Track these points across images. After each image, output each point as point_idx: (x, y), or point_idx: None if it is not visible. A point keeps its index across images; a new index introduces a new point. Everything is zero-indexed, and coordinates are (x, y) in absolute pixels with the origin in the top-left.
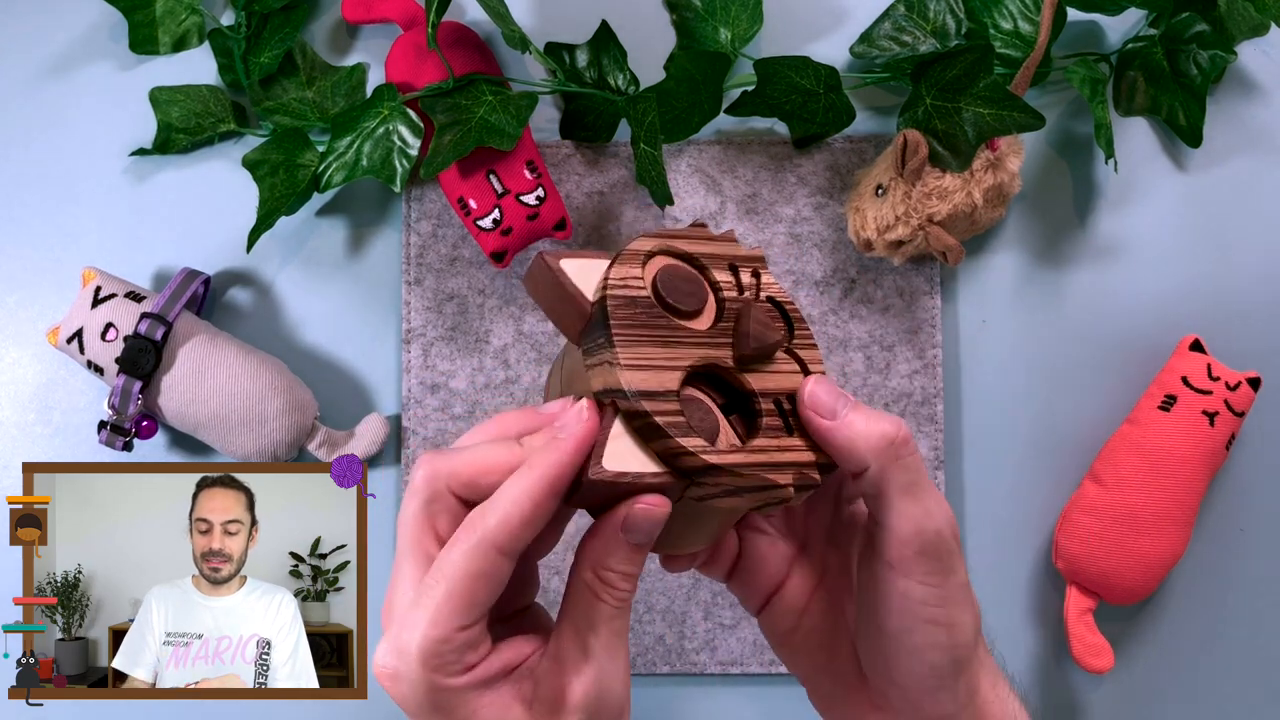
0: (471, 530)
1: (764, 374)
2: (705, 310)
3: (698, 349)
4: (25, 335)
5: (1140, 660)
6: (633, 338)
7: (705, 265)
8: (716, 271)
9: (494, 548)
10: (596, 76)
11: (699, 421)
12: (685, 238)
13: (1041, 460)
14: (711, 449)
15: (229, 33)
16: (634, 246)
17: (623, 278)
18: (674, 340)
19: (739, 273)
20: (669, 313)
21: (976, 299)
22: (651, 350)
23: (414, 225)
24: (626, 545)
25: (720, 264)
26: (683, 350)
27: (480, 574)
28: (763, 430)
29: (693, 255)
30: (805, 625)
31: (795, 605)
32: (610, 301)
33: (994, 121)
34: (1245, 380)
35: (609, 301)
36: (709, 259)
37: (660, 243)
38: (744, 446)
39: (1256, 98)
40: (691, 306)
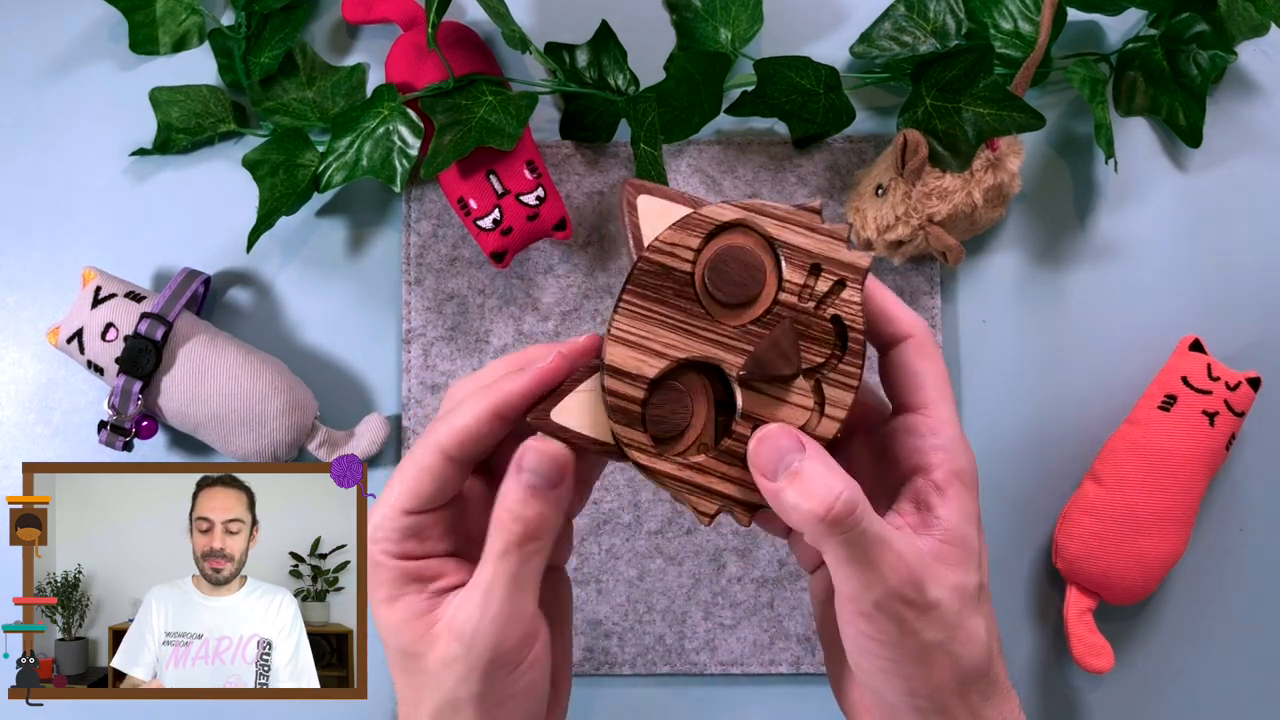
0: (426, 435)
1: (766, 396)
2: (754, 305)
3: (708, 345)
4: (25, 335)
5: (1140, 660)
6: (641, 311)
7: (784, 258)
8: (792, 269)
9: (439, 449)
10: (596, 76)
11: (667, 413)
12: (782, 220)
13: (1041, 460)
14: (644, 448)
15: (229, 33)
16: (712, 212)
17: (673, 244)
18: (686, 327)
19: (819, 278)
20: (704, 297)
21: (976, 299)
22: (653, 330)
23: (414, 225)
24: (521, 485)
25: (803, 261)
26: (689, 341)
27: (425, 469)
28: (720, 450)
29: (775, 241)
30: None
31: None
32: (642, 265)
33: (994, 121)
34: (1245, 380)
35: (640, 265)
36: (793, 251)
37: (747, 215)
38: (688, 459)
39: (1256, 98)
40: (732, 299)
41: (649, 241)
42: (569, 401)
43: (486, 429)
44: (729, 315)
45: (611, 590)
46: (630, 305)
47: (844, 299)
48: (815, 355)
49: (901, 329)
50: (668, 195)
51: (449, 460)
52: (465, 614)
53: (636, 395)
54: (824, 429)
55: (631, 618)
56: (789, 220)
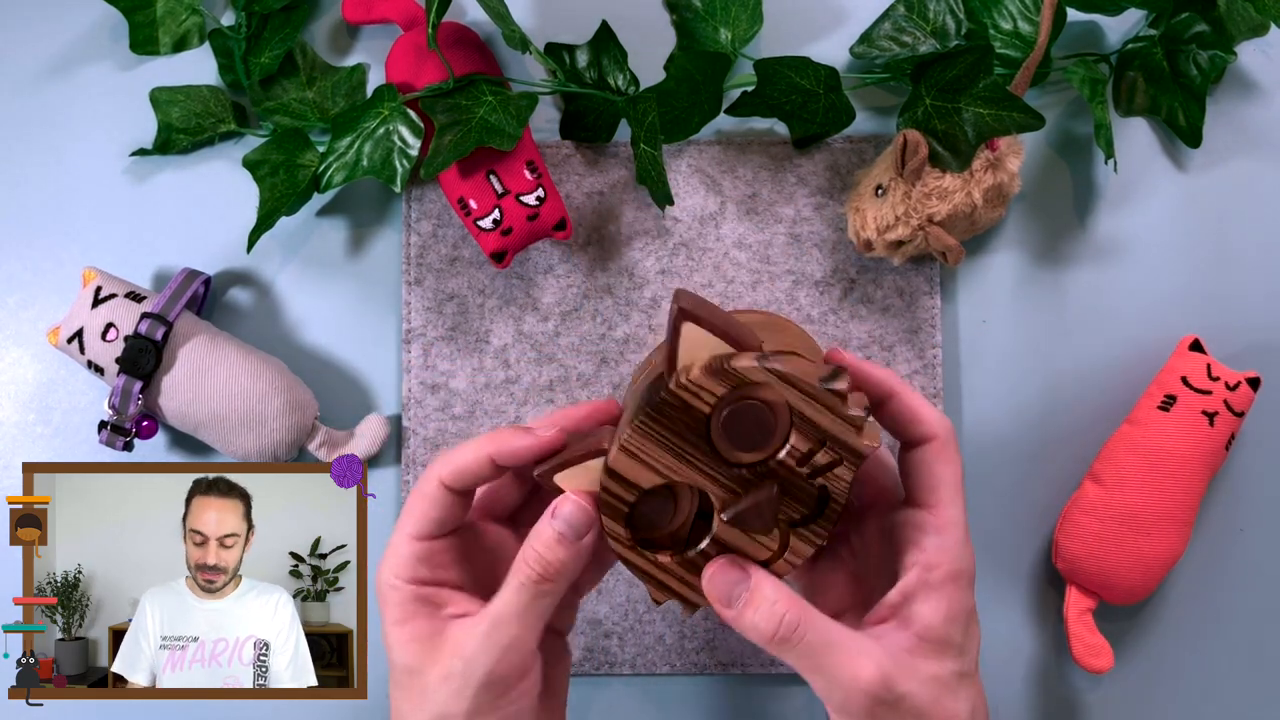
0: (427, 469)
1: (739, 531)
2: (752, 454)
3: (703, 478)
4: (25, 335)
5: (1140, 660)
6: (653, 433)
7: (795, 428)
8: (799, 437)
9: (436, 478)
10: (596, 77)
11: (652, 513)
12: (808, 395)
13: (1041, 460)
14: (621, 539)
15: (229, 33)
16: (746, 369)
17: (700, 387)
18: (689, 458)
19: (821, 451)
20: (714, 435)
21: (976, 299)
22: (659, 452)
23: (414, 225)
24: (551, 531)
25: (813, 434)
26: (687, 470)
27: (425, 496)
28: (684, 558)
29: (795, 413)
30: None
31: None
32: (667, 397)
33: (994, 122)
34: (1245, 380)
35: (666, 396)
36: (808, 426)
37: (779, 384)
38: (655, 557)
39: (1256, 98)
40: (739, 449)
41: (680, 373)
42: (573, 470)
43: (481, 468)
44: (730, 455)
45: (611, 590)
46: (645, 425)
47: (836, 474)
48: (793, 511)
49: (926, 431)
50: (713, 325)
51: (445, 489)
52: (470, 636)
53: (628, 498)
54: (779, 569)
55: (631, 618)
56: (816, 399)
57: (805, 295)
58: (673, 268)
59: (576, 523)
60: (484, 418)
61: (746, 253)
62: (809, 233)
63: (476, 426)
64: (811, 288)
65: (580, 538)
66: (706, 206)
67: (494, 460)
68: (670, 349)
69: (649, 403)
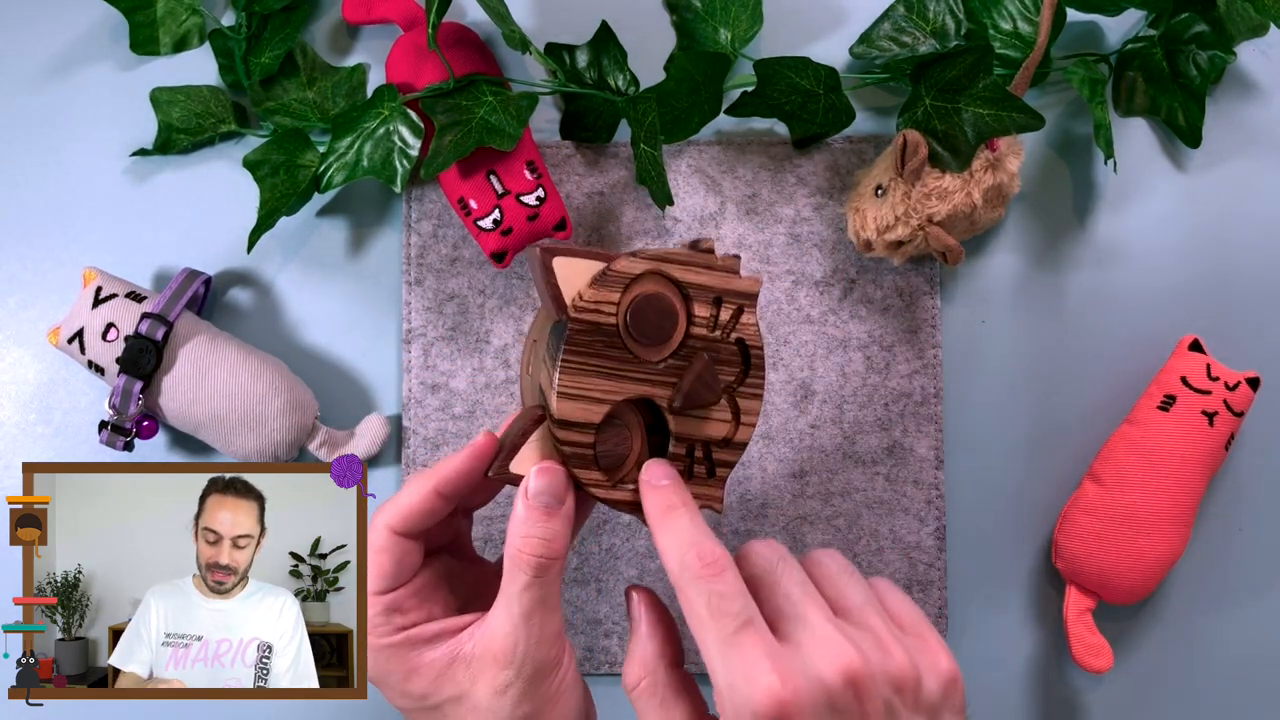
0: (373, 520)
1: (692, 418)
2: (670, 341)
3: (641, 384)
4: (26, 335)
5: (1140, 660)
6: (579, 365)
7: (690, 297)
8: (698, 304)
9: (387, 528)
10: (597, 77)
11: (612, 447)
12: (683, 263)
13: (1041, 460)
14: (600, 484)
15: (229, 33)
16: (624, 266)
17: (596, 301)
18: (620, 373)
19: (721, 308)
20: (629, 342)
21: (976, 299)
22: (592, 381)
23: (414, 225)
24: (535, 509)
25: (706, 296)
26: (624, 384)
27: (380, 548)
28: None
29: (682, 284)
30: None
31: None
32: (573, 326)
33: (993, 122)
34: (1244, 380)
35: (571, 325)
36: (698, 289)
37: (653, 265)
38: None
39: (1256, 98)
40: (655, 341)
41: (573, 301)
42: (523, 453)
43: (429, 505)
44: (652, 353)
45: (611, 590)
46: (569, 362)
47: (743, 323)
48: (727, 375)
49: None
50: (574, 253)
51: (398, 537)
52: (505, 641)
53: (587, 441)
54: (742, 435)
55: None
56: (691, 263)
57: (805, 295)
58: None
59: (554, 489)
60: (484, 417)
61: (746, 253)
62: (809, 233)
63: (476, 426)
64: (811, 288)
65: (563, 502)
66: (706, 206)
67: (438, 491)
68: (552, 288)
69: (562, 340)
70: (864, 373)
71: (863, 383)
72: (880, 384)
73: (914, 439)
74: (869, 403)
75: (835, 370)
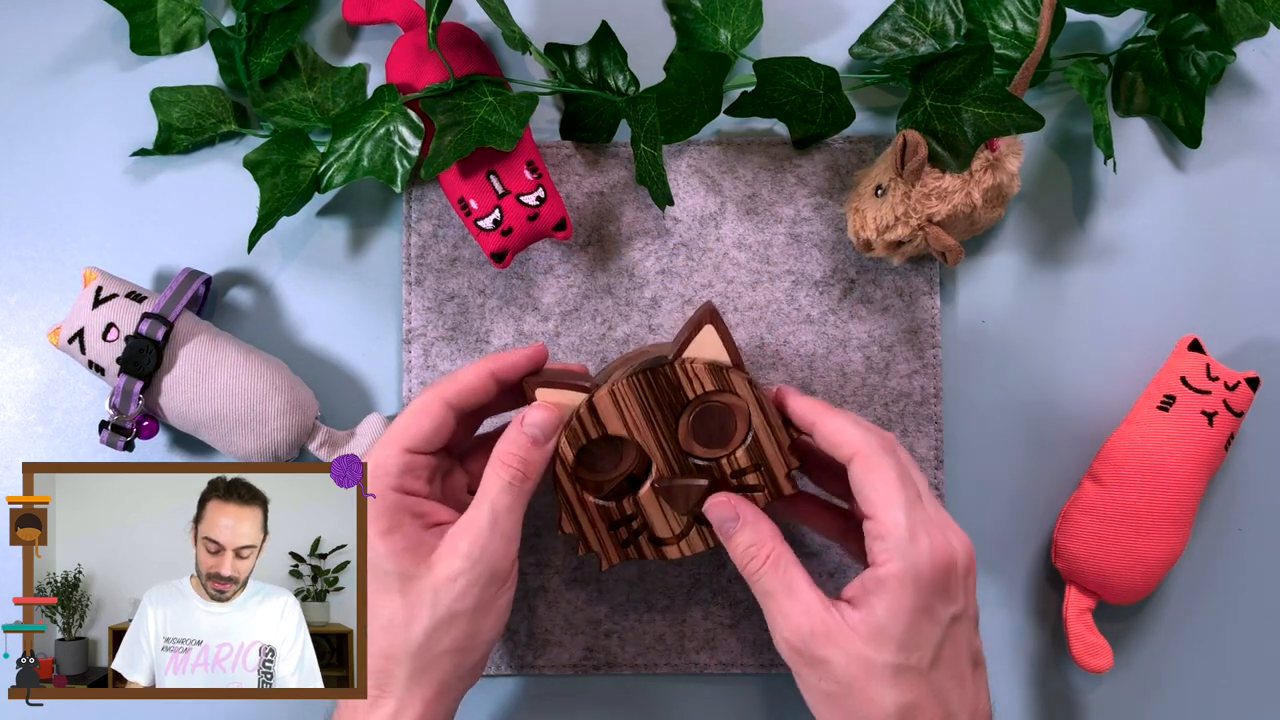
0: (427, 390)
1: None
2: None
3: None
4: (26, 335)
5: (1139, 660)
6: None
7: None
8: (744, 453)
9: (440, 396)
10: (597, 77)
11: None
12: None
13: (1041, 460)
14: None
15: (230, 33)
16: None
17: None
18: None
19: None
20: (682, 419)
21: (976, 299)
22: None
23: (414, 225)
24: (525, 436)
25: (755, 455)
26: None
27: (426, 411)
28: (601, 505)
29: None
30: None
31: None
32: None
33: (993, 122)
34: (1244, 380)
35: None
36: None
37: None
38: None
39: (1255, 98)
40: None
41: (687, 358)
42: (553, 391)
43: (483, 385)
44: (686, 442)
45: (611, 590)
46: (637, 381)
47: (754, 497)
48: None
49: (846, 453)
50: (726, 339)
51: (448, 407)
52: (471, 536)
53: (591, 434)
54: (669, 551)
55: (631, 617)
56: (774, 429)
57: (805, 295)
58: (673, 268)
59: (546, 427)
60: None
61: (746, 253)
62: (809, 233)
63: None
64: (811, 288)
65: (547, 441)
66: (706, 206)
67: (495, 376)
68: (687, 337)
69: (650, 366)
70: (864, 373)
71: (862, 383)
72: (880, 384)
73: (914, 439)
74: (869, 403)
75: (835, 370)
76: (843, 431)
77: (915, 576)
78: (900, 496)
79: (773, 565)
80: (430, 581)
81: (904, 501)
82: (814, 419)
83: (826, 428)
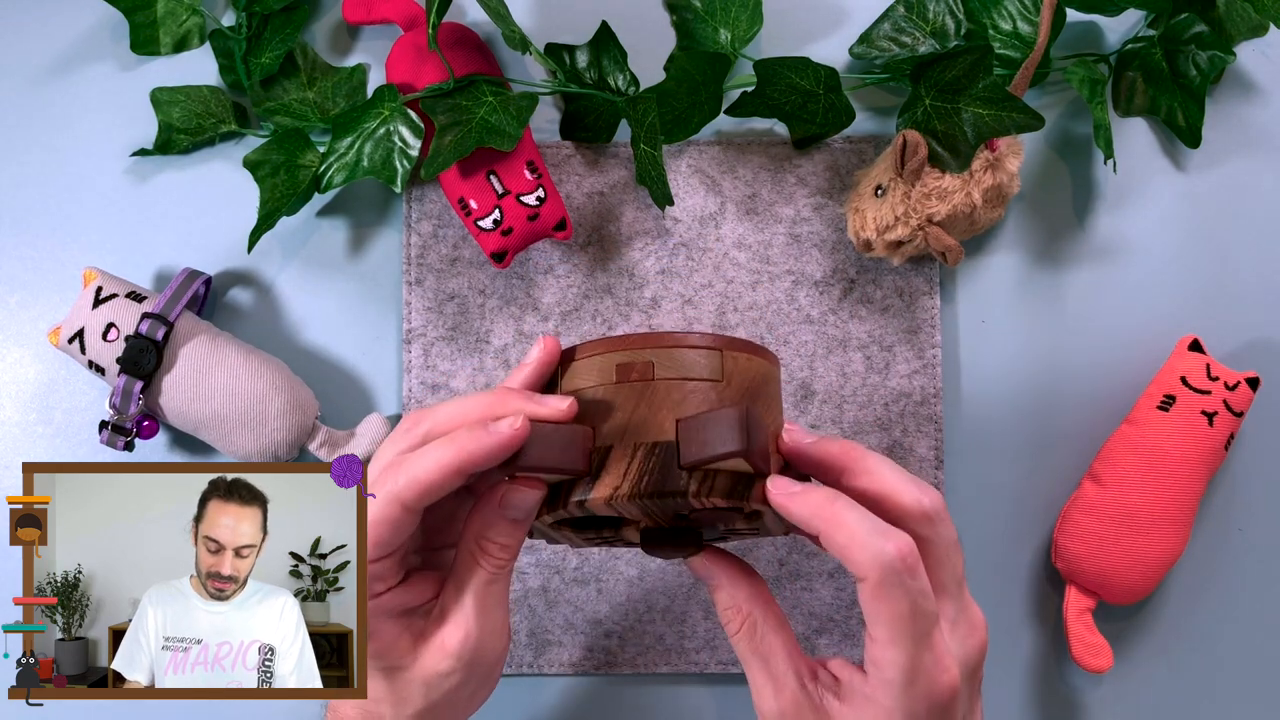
0: (385, 484)
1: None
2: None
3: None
4: (26, 335)
5: (1139, 660)
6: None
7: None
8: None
9: (399, 501)
10: (597, 77)
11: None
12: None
13: (1041, 460)
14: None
15: (230, 33)
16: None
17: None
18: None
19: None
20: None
21: (976, 299)
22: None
23: (414, 225)
24: (505, 520)
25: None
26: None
27: (384, 520)
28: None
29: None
30: None
31: None
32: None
33: (993, 122)
34: (1244, 380)
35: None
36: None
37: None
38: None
39: (1255, 98)
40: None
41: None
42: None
43: (447, 483)
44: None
45: (611, 590)
46: (641, 502)
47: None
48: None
49: (856, 571)
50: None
51: (407, 511)
52: (460, 637)
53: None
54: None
55: (631, 617)
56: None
57: (805, 295)
58: (673, 268)
59: (527, 507)
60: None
61: (746, 253)
62: (809, 233)
63: None
64: (811, 288)
65: (529, 518)
66: (706, 206)
67: (461, 471)
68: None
69: (660, 491)
70: (864, 373)
71: (862, 383)
72: (880, 384)
73: (914, 439)
74: (869, 403)
75: (835, 370)
76: (854, 542)
77: (908, 712)
78: (907, 632)
79: (748, 633)
80: (419, 674)
81: (910, 638)
82: (820, 524)
83: (838, 536)
